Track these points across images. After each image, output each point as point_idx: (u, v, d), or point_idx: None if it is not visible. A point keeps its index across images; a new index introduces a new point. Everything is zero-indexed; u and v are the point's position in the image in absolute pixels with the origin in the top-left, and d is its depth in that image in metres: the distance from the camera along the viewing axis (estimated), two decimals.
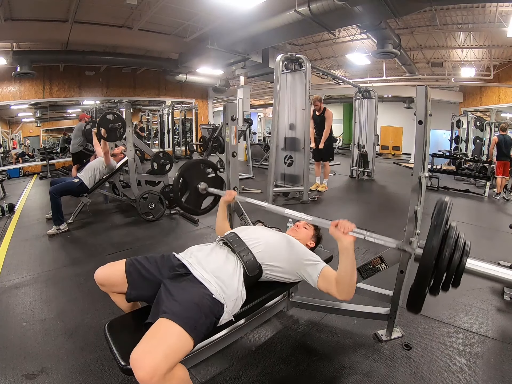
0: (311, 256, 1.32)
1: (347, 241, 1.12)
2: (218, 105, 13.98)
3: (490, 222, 4.02)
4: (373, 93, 6.53)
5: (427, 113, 1.29)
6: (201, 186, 1.87)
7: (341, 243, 1.14)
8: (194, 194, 1.88)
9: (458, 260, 0.94)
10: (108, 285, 1.22)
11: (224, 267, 1.21)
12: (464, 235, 1.01)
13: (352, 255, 1.13)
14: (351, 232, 1.12)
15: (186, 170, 1.84)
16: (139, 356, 0.88)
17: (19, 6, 4.76)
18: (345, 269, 1.14)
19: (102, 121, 3.36)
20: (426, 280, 0.95)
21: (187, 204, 1.86)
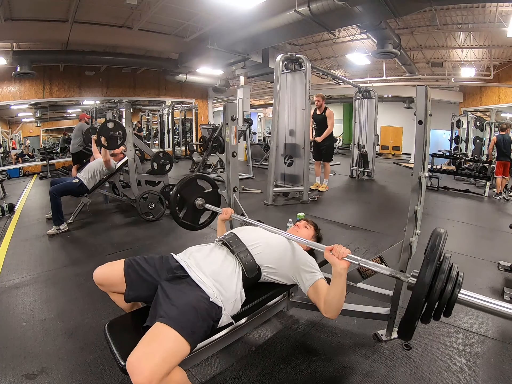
0: (310, 263, 1.33)
1: (341, 266, 1.12)
2: (218, 105, 13.98)
3: (490, 222, 4.02)
4: (373, 93, 6.53)
5: (427, 113, 1.29)
6: (199, 202, 1.88)
7: (335, 268, 1.14)
8: (192, 210, 1.89)
9: (450, 292, 0.98)
10: (106, 285, 1.22)
11: (222, 269, 1.21)
12: (457, 266, 1.05)
13: (344, 281, 1.14)
14: (346, 258, 1.13)
15: (183, 187, 1.85)
16: (136, 361, 0.88)
17: (19, 6, 4.76)
18: (335, 293, 1.15)
19: (102, 130, 3.36)
20: (417, 311, 0.98)
21: (185, 220, 1.87)
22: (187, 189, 1.87)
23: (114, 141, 3.42)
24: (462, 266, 1.04)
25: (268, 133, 13.56)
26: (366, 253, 2.65)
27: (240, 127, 6.55)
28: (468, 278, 2.27)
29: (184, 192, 1.86)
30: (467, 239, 3.28)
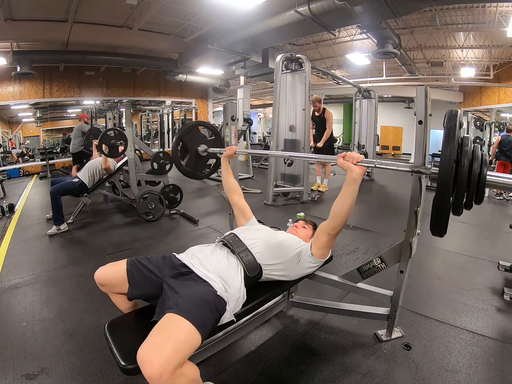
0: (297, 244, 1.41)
1: (357, 172, 1.13)
2: (218, 105, 13.97)
3: (490, 222, 4.02)
4: (373, 93, 6.53)
5: (427, 113, 1.29)
6: (201, 148, 1.83)
7: (350, 173, 1.14)
8: (194, 157, 1.84)
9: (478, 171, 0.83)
10: (108, 285, 1.22)
11: (225, 268, 1.21)
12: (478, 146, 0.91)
13: (357, 189, 1.16)
14: (361, 163, 1.13)
15: (184, 134, 1.79)
16: (147, 351, 0.85)
17: (19, 6, 4.76)
18: (347, 199, 1.18)
19: (104, 138, 3.35)
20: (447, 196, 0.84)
21: (187, 167, 1.82)
22: (189, 136, 1.81)
23: (116, 150, 3.43)
24: (462, 266, 1.04)
25: (268, 133, 13.56)
26: (366, 253, 2.65)
27: (240, 127, 6.56)
28: (468, 278, 2.29)
29: (186, 139, 1.80)
30: (467, 239, 3.28)
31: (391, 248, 1.47)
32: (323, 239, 1.32)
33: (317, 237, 1.34)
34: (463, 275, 2.36)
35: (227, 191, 1.72)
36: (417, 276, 2.20)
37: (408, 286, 1.71)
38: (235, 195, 1.68)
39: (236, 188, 1.69)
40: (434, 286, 2.18)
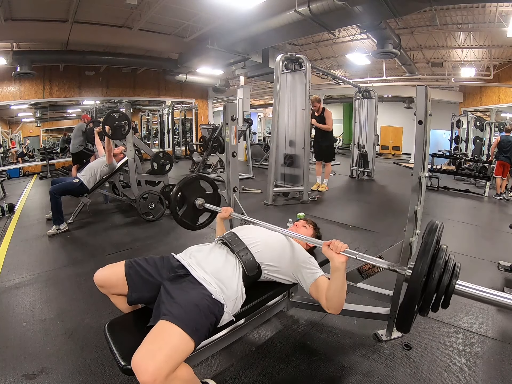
0: (310, 261, 1.34)
1: (339, 261, 1.14)
2: (218, 105, 13.98)
3: (490, 222, 4.03)
4: (373, 93, 6.53)
5: (427, 113, 1.29)
6: (199, 201, 1.89)
7: (333, 263, 1.15)
8: (191, 209, 1.90)
9: (447, 282, 0.96)
10: (107, 287, 1.22)
11: (223, 267, 1.21)
12: (454, 257, 1.04)
13: (343, 275, 1.15)
14: (343, 252, 1.15)
15: (184, 185, 1.86)
16: (140, 359, 0.88)
17: (19, 6, 4.76)
18: (335, 287, 1.16)
19: (108, 119, 3.34)
20: (414, 301, 0.97)
21: (183, 218, 1.88)
22: (188, 188, 1.88)
23: (119, 131, 3.40)
24: (462, 266, 1.04)
25: (268, 133, 13.56)
26: (366, 253, 2.64)
27: (240, 127, 6.56)
28: (468, 278, 2.27)
29: (185, 191, 1.86)
30: (467, 239, 3.28)
31: (391, 248, 1.47)
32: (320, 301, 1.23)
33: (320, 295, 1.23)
34: (463, 275, 2.35)
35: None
36: None
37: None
38: None
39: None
40: None
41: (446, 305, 1.00)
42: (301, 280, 1.31)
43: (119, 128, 3.39)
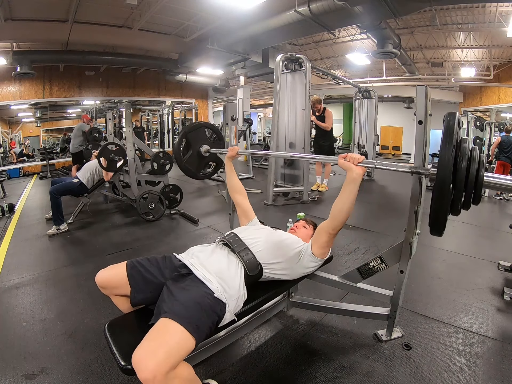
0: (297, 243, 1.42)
1: (357, 172, 1.15)
2: (218, 105, 13.98)
3: (490, 222, 4.02)
4: (373, 93, 6.52)
5: (427, 113, 1.29)
6: (204, 148, 1.84)
7: (351, 173, 1.16)
8: (196, 156, 1.85)
9: (476, 172, 0.86)
10: (109, 288, 1.22)
11: (226, 268, 1.21)
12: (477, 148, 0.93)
13: (357, 188, 1.17)
14: (361, 164, 1.15)
15: (190, 130, 1.81)
16: (141, 356, 0.88)
17: (19, 6, 4.76)
18: (347, 199, 1.20)
19: (104, 151, 3.36)
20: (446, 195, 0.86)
21: (187, 165, 1.83)
22: (194, 134, 1.83)
23: (114, 165, 3.44)
24: (462, 266, 1.04)
25: (268, 133, 13.56)
26: (366, 253, 2.65)
27: (240, 127, 6.55)
28: (468, 278, 2.29)
29: (190, 136, 1.82)
30: (467, 239, 3.28)
31: (391, 248, 1.47)
32: (323, 238, 1.33)
33: (318, 237, 1.35)
34: (463, 275, 2.36)
35: (231, 191, 1.73)
36: (417, 276, 2.20)
37: (408, 286, 1.71)
38: (238, 195, 1.68)
39: (240, 188, 1.70)
40: (434, 286, 2.18)
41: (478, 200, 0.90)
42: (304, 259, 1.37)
43: (114, 162, 3.42)
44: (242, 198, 1.67)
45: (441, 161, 0.87)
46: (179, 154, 1.80)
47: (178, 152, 1.80)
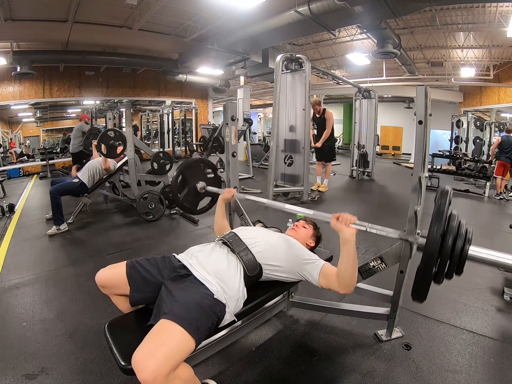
0: (309, 255, 1.34)
1: (349, 233, 1.14)
2: (218, 105, 13.98)
3: (490, 222, 4.02)
4: (373, 93, 6.53)
5: (427, 113, 1.29)
6: (200, 185, 1.86)
7: (343, 235, 1.15)
8: (192, 192, 1.87)
9: (461, 248, 0.94)
10: (109, 287, 1.22)
11: (225, 268, 1.21)
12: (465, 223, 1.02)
13: (354, 248, 1.14)
14: (353, 225, 1.14)
15: (186, 168, 1.83)
16: (141, 358, 0.88)
17: (19, 6, 4.76)
18: (346, 261, 1.15)
19: (103, 137, 3.36)
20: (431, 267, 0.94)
21: (184, 202, 1.85)
22: (189, 171, 1.85)
23: (114, 151, 3.44)
24: None
25: (268, 133, 13.56)
26: (366, 253, 2.65)
27: (240, 127, 6.55)
28: (468, 278, 2.29)
29: (186, 174, 1.83)
30: (469, 227, 3.28)
31: (391, 248, 1.47)
32: (332, 286, 1.22)
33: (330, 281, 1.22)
34: (463, 275, 2.35)
35: (216, 230, 1.72)
36: None
37: (408, 286, 1.70)
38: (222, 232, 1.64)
39: (226, 229, 1.67)
40: (434, 286, 2.17)
41: (460, 271, 0.98)
42: (307, 275, 1.29)
43: (114, 148, 3.42)
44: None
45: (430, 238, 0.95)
46: (176, 192, 1.83)
47: (175, 189, 1.83)
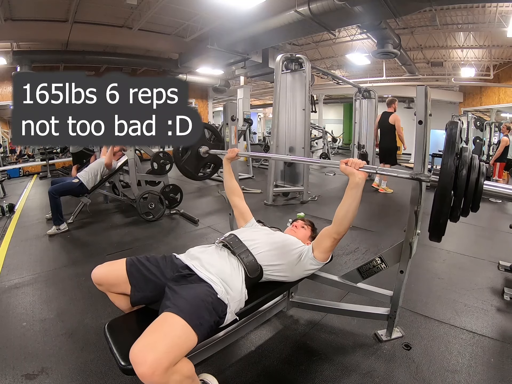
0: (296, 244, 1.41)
1: (359, 176, 1.16)
2: (218, 105, 13.98)
3: (490, 222, 4.02)
4: (373, 93, 6.52)
5: (427, 113, 1.29)
6: (202, 149, 1.85)
7: (353, 178, 1.16)
8: (195, 156, 1.86)
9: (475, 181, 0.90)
10: (106, 285, 1.20)
11: (227, 269, 1.21)
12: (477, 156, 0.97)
13: (361, 193, 1.17)
14: (362, 169, 1.16)
15: None
16: (140, 350, 0.84)
17: (19, 6, 4.77)
18: (350, 204, 1.19)
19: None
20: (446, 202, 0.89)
21: (186, 165, 1.84)
22: None
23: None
24: (462, 266, 1.04)
25: (268, 133, 13.56)
26: (366, 253, 2.65)
27: (240, 127, 6.56)
28: (468, 278, 2.29)
29: None
30: (467, 239, 3.28)
31: (391, 248, 1.47)
32: (327, 243, 1.30)
33: (321, 241, 1.33)
34: (463, 275, 2.36)
35: (228, 193, 1.73)
36: (417, 276, 2.20)
37: (408, 286, 1.71)
38: (236, 197, 1.69)
39: (237, 190, 1.71)
40: (434, 286, 2.18)
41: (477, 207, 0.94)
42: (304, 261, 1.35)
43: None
44: (239, 199, 1.68)
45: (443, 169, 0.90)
46: (177, 154, 1.81)
47: (176, 152, 1.81)
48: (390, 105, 5.11)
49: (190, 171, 1.87)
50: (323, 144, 9.36)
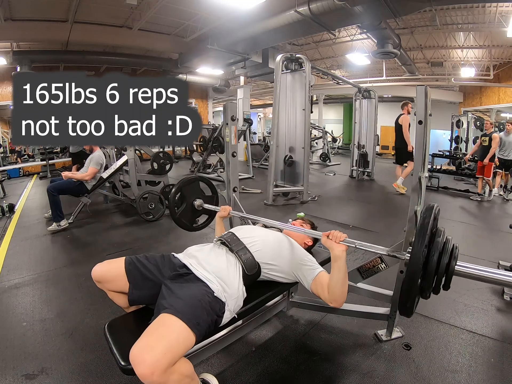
0: (309, 259, 1.34)
1: (339, 249, 1.16)
2: (218, 105, 13.98)
3: (490, 222, 4.02)
4: (373, 93, 6.53)
5: (427, 113, 1.29)
6: (197, 202, 1.90)
7: (333, 252, 1.17)
8: (190, 209, 1.91)
9: (446, 264, 0.96)
10: (105, 282, 1.21)
11: (224, 267, 1.21)
12: (452, 238, 1.03)
13: (344, 264, 1.16)
14: (342, 242, 1.16)
15: (185, 185, 1.87)
16: (139, 351, 0.86)
17: (19, 6, 4.77)
18: (337, 278, 1.16)
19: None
20: (413, 284, 0.95)
21: (181, 218, 1.89)
22: (187, 189, 1.89)
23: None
24: None
25: (268, 133, 13.56)
26: (366, 253, 2.65)
27: (240, 127, 6.55)
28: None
29: (184, 191, 1.87)
30: (467, 239, 3.28)
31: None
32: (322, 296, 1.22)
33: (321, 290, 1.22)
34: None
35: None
36: None
37: None
38: None
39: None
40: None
41: (447, 287, 0.99)
42: (301, 278, 1.30)
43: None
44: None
45: (412, 258, 0.96)
46: (173, 208, 1.86)
47: (172, 206, 1.86)
48: (403, 107, 5.13)
49: (185, 223, 1.93)
50: (323, 144, 9.36)
